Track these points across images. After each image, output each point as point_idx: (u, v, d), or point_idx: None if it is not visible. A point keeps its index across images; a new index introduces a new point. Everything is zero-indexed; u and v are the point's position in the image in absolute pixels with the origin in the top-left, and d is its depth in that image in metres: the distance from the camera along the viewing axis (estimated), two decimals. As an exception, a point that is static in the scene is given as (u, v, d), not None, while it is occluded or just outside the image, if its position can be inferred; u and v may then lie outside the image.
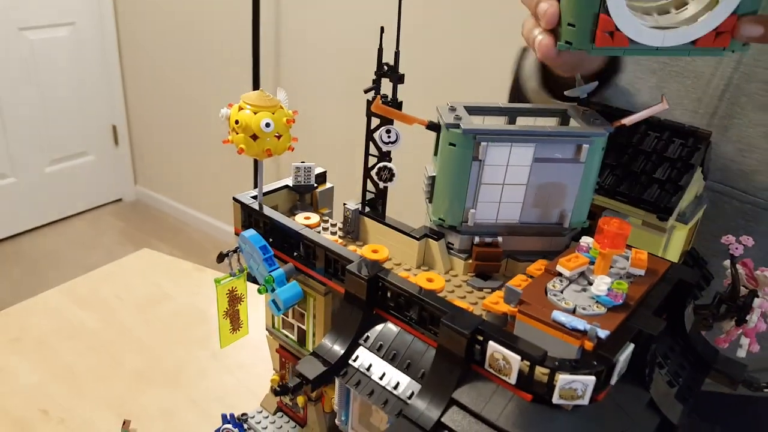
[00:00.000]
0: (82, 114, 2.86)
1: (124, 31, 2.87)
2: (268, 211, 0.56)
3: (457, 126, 0.47)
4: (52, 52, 2.67)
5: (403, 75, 0.52)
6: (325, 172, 0.65)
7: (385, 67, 0.51)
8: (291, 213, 0.62)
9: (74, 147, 2.89)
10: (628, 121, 0.47)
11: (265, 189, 0.60)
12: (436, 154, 0.52)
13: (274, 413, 0.69)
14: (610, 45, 0.41)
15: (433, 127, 0.51)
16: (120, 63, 2.95)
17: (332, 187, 0.65)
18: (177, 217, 3.01)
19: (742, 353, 0.52)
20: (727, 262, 0.54)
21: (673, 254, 0.53)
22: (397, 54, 0.52)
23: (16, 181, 2.71)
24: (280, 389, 0.46)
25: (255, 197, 0.58)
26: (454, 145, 0.48)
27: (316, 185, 0.63)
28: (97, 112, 2.93)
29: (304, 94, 2.17)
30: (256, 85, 2.31)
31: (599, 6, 0.40)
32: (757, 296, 0.51)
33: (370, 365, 0.46)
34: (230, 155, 0.61)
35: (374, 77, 0.52)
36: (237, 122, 0.51)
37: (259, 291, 0.52)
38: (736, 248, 0.52)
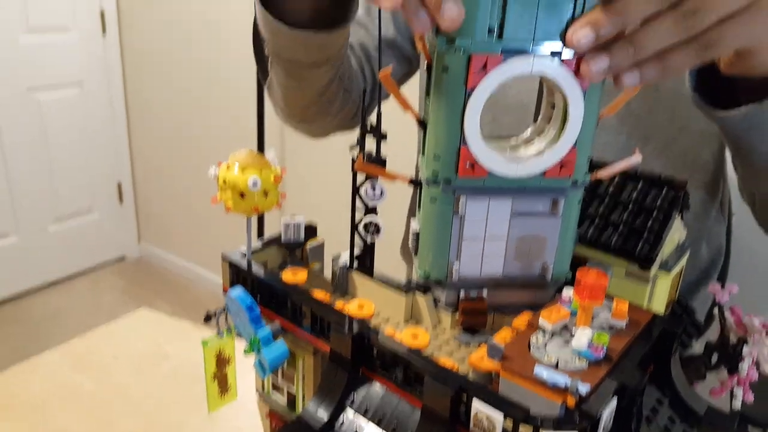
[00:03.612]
0: (88, 172, 2.88)
1: (131, 90, 2.94)
2: (253, 267, 0.56)
3: (437, 182, 0.48)
4: (60, 112, 2.70)
5: (386, 134, 0.53)
6: (316, 227, 0.65)
7: (369, 126, 0.53)
8: (280, 269, 0.62)
9: (78, 204, 2.90)
10: (603, 174, 0.48)
11: (255, 245, 0.60)
12: (419, 208, 0.53)
13: (267, 477, 0.68)
14: (471, 175, 0.46)
15: (415, 183, 0.51)
16: (127, 121, 2.99)
17: (323, 242, 0.65)
18: (181, 274, 3.01)
19: (737, 404, 0.51)
20: (716, 311, 0.54)
21: (659, 303, 0.53)
22: (379, 115, 0.53)
23: (19, 240, 2.71)
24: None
25: (245, 254, 0.59)
26: (434, 201, 0.48)
27: (305, 240, 0.64)
28: (103, 169, 2.95)
29: (309, 148, 2.21)
30: (260, 144, 2.34)
31: (460, 140, 0.45)
32: (747, 343, 0.50)
33: (356, 430, 0.45)
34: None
35: (358, 136, 0.53)
36: (224, 181, 0.52)
37: (245, 352, 0.52)
38: (722, 296, 0.52)
